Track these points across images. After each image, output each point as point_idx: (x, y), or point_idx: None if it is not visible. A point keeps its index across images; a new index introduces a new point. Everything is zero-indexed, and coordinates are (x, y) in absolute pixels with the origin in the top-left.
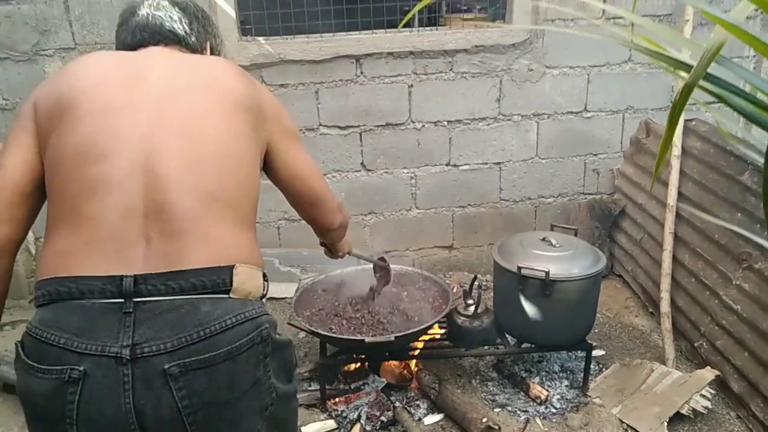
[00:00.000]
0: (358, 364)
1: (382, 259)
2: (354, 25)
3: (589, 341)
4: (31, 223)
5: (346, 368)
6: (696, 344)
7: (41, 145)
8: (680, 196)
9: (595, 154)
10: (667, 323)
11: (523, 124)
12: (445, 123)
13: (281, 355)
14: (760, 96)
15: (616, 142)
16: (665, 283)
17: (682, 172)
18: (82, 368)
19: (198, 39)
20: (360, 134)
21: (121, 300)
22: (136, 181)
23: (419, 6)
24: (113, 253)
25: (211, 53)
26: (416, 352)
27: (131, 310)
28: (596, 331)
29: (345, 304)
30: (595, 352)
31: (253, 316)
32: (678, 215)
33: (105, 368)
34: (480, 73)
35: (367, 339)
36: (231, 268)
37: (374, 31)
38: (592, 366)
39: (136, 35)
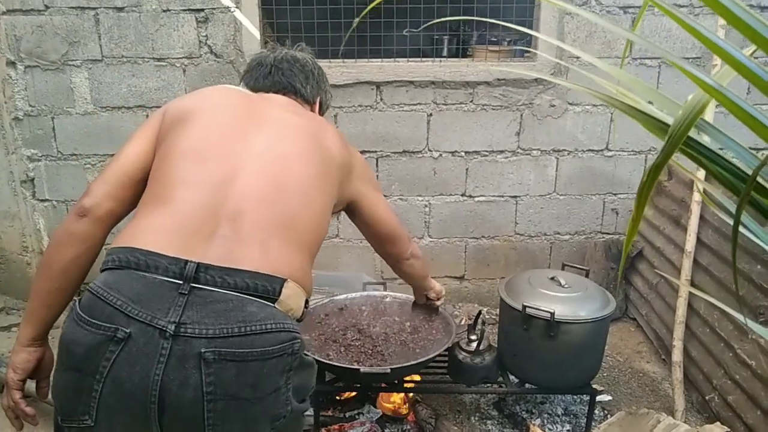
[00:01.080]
0: (355, 393)
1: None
2: (376, 52)
3: (594, 386)
4: (132, 207)
5: (342, 396)
6: (707, 397)
7: (158, 143)
8: (699, 242)
9: (615, 194)
10: (678, 373)
11: (542, 159)
12: (463, 153)
13: (304, 374)
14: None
15: (636, 183)
16: (678, 332)
17: (702, 218)
18: (129, 331)
19: (311, 93)
20: (376, 160)
21: (181, 281)
22: (226, 186)
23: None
24: (186, 240)
25: (320, 107)
26: (413, 385)
27: (186, 292)
28: (604, 375)
29: (345, 331)
30: (602, 397)
31: (290, 329)
32: (696, 262)
33: (148, 336)
34: (501, 106)
35: (363, 369)
36: (283, 280)
37: (396, 59)
38: (596, 411)
39: (259, 81)
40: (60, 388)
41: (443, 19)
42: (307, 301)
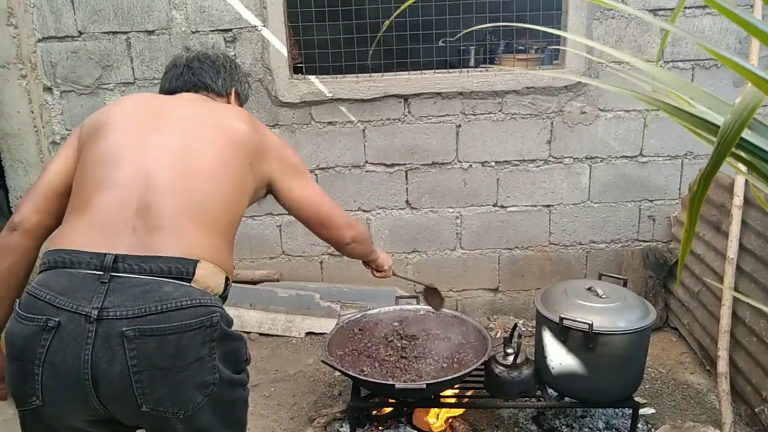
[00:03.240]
0: (391, 408)
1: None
2: (403, 65)
3: (636, 399)
4: (61, 218)
5: (378, 411)
6: (756, 410)
7: (78, 157)
8: (741, 248)
9: (651, 200)
10: (724, 384)
11: (574, 167)
12: (493, 164)
13: (230, 346)
14: None
15: (673, 189)
16: (723, 341)
17: (744, 223)
18: (57, 319)
19: (224, 86)
20: (406, 172)
21: (101, 272)
22: (135, 184)
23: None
24: (104, 237)
25: (237, 96)
26: (450, 401)
27: (107, 281)
28: (646, 387)
29: (378, 346)
30: (645, 410)
31: (207, 304)
32: (739, 269)
33: (75, 323)
34: (530, 114)
35: (398, 385)
36: (196, 261)
37: (423, 71)
38: (639, 425)
39: (173, 82)
40: (9, 378)
41: (479, 27)
42: (227, 279)
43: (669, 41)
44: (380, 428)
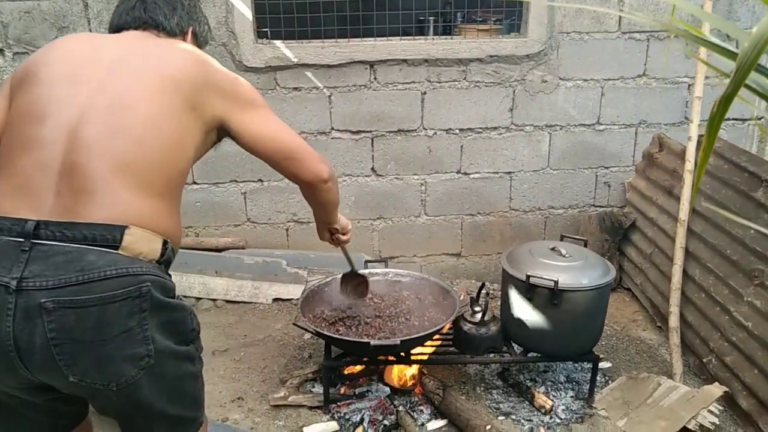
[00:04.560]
0: (363, 368)
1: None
2: (369, 31)
3: (595, 353)
4: None
5: (350, 371)
6: (705, 360)
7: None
8: (692, 211)
9: (607, 167)
10: (675, 338)
11: (535, 135)
12: (457, 131)
13: (169, 316)
14: None
15: (628, 156)
16: (674, 298)
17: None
18: None
19: (179, 24)
20: (371, 139)
21: (22, 239)
22: (60, 142)
23: None
24: (27, 201)
25: (195, 37)
26: (421, 357)
27: (28, 248)
28: (603, 343)
29: (348, 307)
30: (602, 365)
31: (137, 272)
32: (690, 230)
33: None
34: (493, 82)
35: (373, 342)
36: (123, 228)
37: (389, 38)
38: (598, 378)
39: (122, 17)
40: None
41: None
42: (166, 242)
43: (627, 12)
44: (353, 388)
